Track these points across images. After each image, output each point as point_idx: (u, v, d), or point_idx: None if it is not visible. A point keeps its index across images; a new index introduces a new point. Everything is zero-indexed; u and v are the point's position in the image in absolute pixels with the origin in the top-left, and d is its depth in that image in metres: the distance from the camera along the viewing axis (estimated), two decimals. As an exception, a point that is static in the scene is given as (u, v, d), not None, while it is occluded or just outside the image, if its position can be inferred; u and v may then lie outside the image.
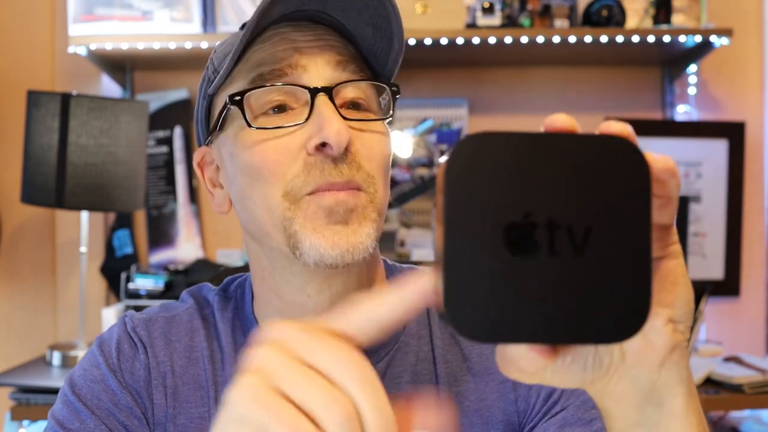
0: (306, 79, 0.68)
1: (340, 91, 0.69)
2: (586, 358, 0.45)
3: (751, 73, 2.23)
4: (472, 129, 2.22)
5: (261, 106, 0.69)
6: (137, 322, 0.77)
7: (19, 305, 2.16)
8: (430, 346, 0.77)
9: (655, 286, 0.45)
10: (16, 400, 1.62)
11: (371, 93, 0.72)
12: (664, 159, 0.46)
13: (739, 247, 2.20)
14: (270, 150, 0.67)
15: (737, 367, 1.79)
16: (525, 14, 2.03)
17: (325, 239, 0.66)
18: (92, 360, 0.75)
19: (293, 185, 0.67)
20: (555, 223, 0.38)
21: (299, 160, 0.67)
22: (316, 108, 0.67)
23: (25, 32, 2.18)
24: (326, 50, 0.70)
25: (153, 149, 2.19)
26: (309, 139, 0.66)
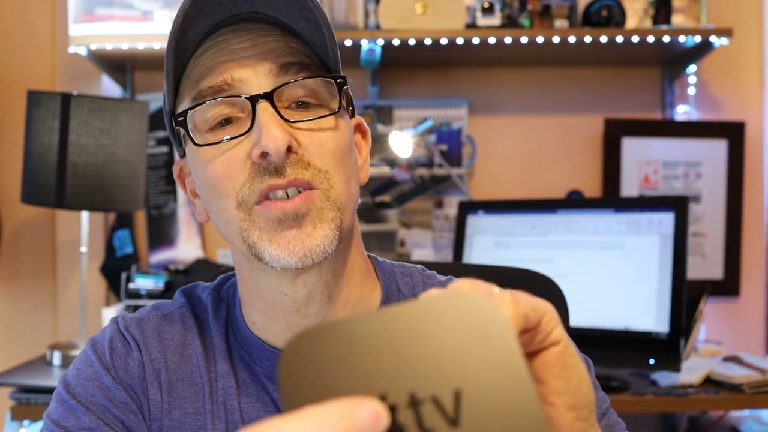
0: (245, 89, 0.69)
1: (283, 93, 0.69)
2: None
3: (751, 73, 2.24)
4: (472, 128, 2.22)
5: (207, 122, 0.70)
6: (129, 321, 0.78)
7: (20, 305, 2.16)
8: None
9: (543, 375, 0.44)
10: (16, 400, 1.62)
11: (320, 87, 0.71)
12: (527, 304, 0.43)
13: (738, 247, 2.20)
14: (219, 165, 0.69)
15: (737, 367, 1.79)
16: (525, 14, 2.03)
17: (281, 248, 0.67)
18: (85, 359, 0.76)
19: (242, 195, 0.68)
20: (417, 398, 0.33)
21: (245, 170, 0.68)
22: (256, 116, 0.67)
23: (26, 32, 2.18)
24: (264, 55, 0.69)
25: (153, 149, 2.19)
26: (252, 149, 0.67)
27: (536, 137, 2.24)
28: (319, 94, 0.71)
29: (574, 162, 2.23)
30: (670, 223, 1.72)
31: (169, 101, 0.73)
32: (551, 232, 1.84)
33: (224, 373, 0.75)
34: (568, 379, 0.44)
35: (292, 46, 0.71)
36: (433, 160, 2.17)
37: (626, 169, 2.20)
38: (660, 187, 2.21)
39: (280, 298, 0.72)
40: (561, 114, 2.25)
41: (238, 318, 0.78)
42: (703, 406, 1.82)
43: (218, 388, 0.75)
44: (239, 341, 0.77)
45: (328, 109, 0.70)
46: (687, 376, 1.73)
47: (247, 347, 0.76)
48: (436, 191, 2.21)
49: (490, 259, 1.88)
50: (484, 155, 2.22)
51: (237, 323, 0.78)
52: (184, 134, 0.72)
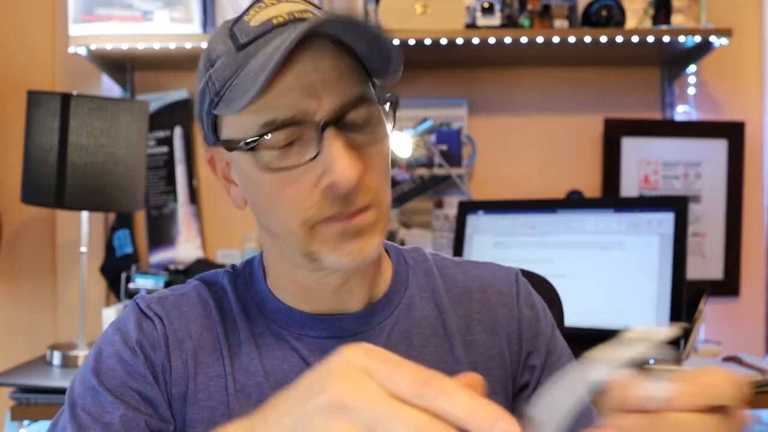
0: (311, 116, 0.70)
1: (348, 116, 0.72)
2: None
3: (751, 73, 2.24)
4: (472, 129, 2.22)
5: (272, 143, 0.72)
6: (150, 300, 0.82)
7: (20, 305, 2.16)
8: (434, 303, 0.85)
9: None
10: (16, 400, 1.62)
11: (376, 110, 0.75)
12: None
13: (738, 247, 2.20)
14: (287, 186, 0.72)
15: (737, 368, 1.79)
16: (524, 14, 2.03)
17: (343, 255, 0.72)
18: (108, 340, 0.79)
19: (309, 215, 0.72)
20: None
21: (314, 195, 0.71)
22: (324, 144, 0.69)
23: (26, 32, 2.18)
24: (328, 83, 0.71)
25: (153, 149, 2.19)
26: (321, 176, 0.70)
27: (536, 137, 2.24)
28: (376, 116, 0.74)
29: (574, 162, 2.23)
30: (670, 223, 1.72)
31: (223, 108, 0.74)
32: (551, 232, 1.84)
33: (246, 339, 0.80)
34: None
35: (347, 67, 0.73)
36: (432, 160, 2.17)
37: (626, 169, 2.20)
38: (660, 187, 2.21)
39: (319, 287, 0.79)
40: (561, 114, 2.25)
41: (262, 290, 0.83)
42: (702, 406, 1.81)
43: (239, 351, 0.79)
44: (263, 311, 0.82)
45: (382, 128, 0.74)
46: (687, 376, 1.73)
47: (274, 314, 0.81)
48: (435, 191, 2.21)
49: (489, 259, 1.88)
50: (484, 155, 2.22)
51: (261, 296, 0.82)
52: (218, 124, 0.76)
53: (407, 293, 0.85)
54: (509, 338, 0.85)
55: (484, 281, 0.87)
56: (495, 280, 0.87)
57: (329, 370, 0.45)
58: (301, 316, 0.80)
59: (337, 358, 0.45)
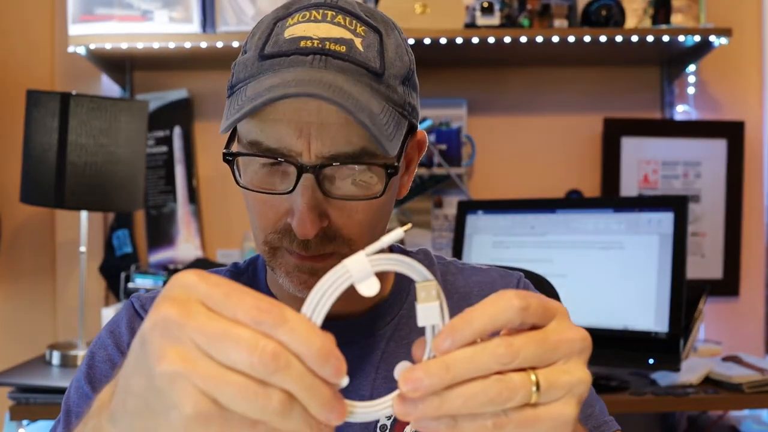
0: (296, 157, 0.69)
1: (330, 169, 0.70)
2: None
3: (750, 73, 2.24)
4: (471, 128, 2.22)
5: (257, 163, 0.72)
6: (145, 300, 0.81)
7: (19, 305, 2.16)
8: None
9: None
10: (15, 400, 1.62)
11: (368, 169, 0.72)
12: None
13: (738, 247, 2.20)
14: (260, 204, 0.72)
15: (736, 367, 1.79)
16: (524, 14, 2.03)
17: (295, 284, 0.72)
18: (100, 343, 0.79)
19: (271, 239, 0.72)
20: None
21: (279, 223, 0.71)
22: (297, 189, 0.69)
23: (25, 32, 2.18)
24: (324, 128, 0.69)
25: (152, 149, 2.19)
26: (288, 211, 0.70)
27: (535, 137, 2.24)
28: (369, 172, 0.72)
29: (574, 162, 2.23)
30: (670, 223, 1.71)
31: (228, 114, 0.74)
32: (550, 231, 1.84)
33: None
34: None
35: (353, 122, 0.69)
36: (432, 159, 2.16)
37: (625, 169, 2.20)
38: (659, 186, 2.21)
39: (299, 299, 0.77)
40: (560, 113, 2.24)
41: (263, 291, 0.81)
42: (702, 406, 1.82)
43: None
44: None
45: (376, 185, 0.72)
46: (686, 375, 1.73)
47: None
48: (435, 191, 2.21)
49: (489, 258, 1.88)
50: (484, 155, 2.22)
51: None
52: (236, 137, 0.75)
53: (409, 298, 0.83)
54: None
55: (483, 287, 0.86)
56: (495, 286, 0.85)
57: (161, 296, 0.45)
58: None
59: (169, 284, 0.46)
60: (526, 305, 0.48)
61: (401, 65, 0.76)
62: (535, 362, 0.47)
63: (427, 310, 0.48)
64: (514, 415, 0.46)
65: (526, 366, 0.47)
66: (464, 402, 0.45)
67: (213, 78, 2.19)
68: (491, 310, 0.47)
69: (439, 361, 0.46)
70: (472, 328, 0.46)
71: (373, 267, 0.48)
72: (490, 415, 0.46)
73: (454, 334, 0.46)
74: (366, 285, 0.48)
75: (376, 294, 0.79)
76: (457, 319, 0.47)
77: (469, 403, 0.45)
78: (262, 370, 0.41)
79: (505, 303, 0.47)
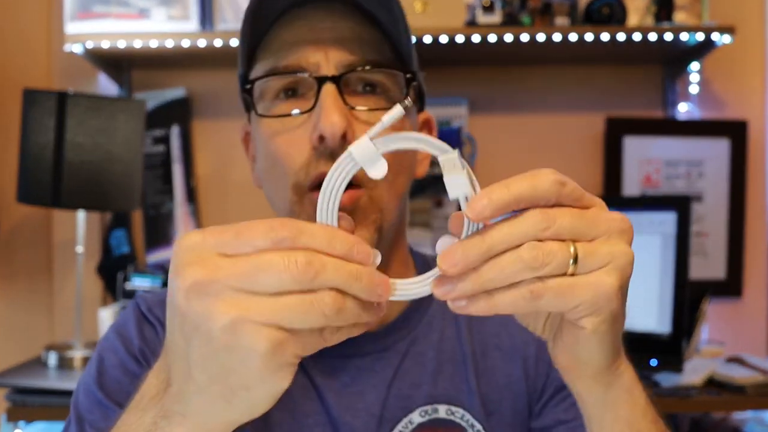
0: (315, 69, 0.70)
1: (352, 76, 0.70)
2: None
3: (754, 72, 2.22)
4: (472, 128, 2.20)
5: (274, 91, 0.71)
6: (151, 303, 0.79)
7: (15, 305, 2.14)
8: (454, 324, 0.81)
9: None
10: (11, 401, 1.60)
11: (388, 79, 0.72)
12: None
13: (741, 247, 2.19)
14: (281, 142, 0.70)
15: (740, 368, 1.78)
16: (525, 12, 2.01)
17: None
18: (108, 346, 0.76)
19: (298, 177, 0.69)
20: None
21: (305, 152, 0.69)
22: (320, 97, 0.68)
23: (21, 30, 2.16)
24: (340, 41, 0.70)
25: (150, 148, 2.17)
26: (313, 129, 0.68)
27: (537, 136, 2.22)
28: (386, 86, 0.72)
29: (575, 161, 2.22)
30: (672, 223, 1.70)
31: (242, 64, 0.75)
32: (552, 231, 1.82)
33: None
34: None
35: (368, 34, 0.71)
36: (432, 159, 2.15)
37: (627, 169, 2.19)
38: (662, 186, 2.19)
39: None
40: (561, 113, 2.23)
41: None
42: (705, 408, 1.80)
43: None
44: None
45: (392, 102, 0.71)
46: (689, 377, 1.71)
47: None
48: (435, 191, 2.20)
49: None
50: (484, 154, 2.20)
51: None
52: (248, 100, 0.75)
53: (428, 312, 0.81)
54: (525, 364, 0.80)
55: None
56: None
57: (176, 266, 0.45)
58: None
59: (177, 252, 0.46)
60: (563, 181, 0.47)
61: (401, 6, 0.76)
62: (572, 234, 0.46)
63: (456, 181, 0.47)
64: (551, 282, 0.45)
65: (564, 237, 0.46)
66: (501, 270, 0.44)
67: (211, 76, 2.17)
68: (528, 179, 0.46)
69: (475, 235, 0.45)
70: (509, 191, 0.46)
71: (379, 149, 0.46)
72: (527, 282, 0.45)
73: (490, 194, 0.46)
74: (375, 168, 0.47)
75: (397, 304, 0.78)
76: (494, 184, 0.46)
77: (505, 271, 0.44)
78: (303, 280, 0.43)
79: (543, 175, 0.47)
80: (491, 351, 0.80)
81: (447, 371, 0.78)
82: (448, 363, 0.79)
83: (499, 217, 0.47)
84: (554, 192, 0.46)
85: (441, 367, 0.78)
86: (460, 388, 0.78)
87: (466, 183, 0.47)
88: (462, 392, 0.78)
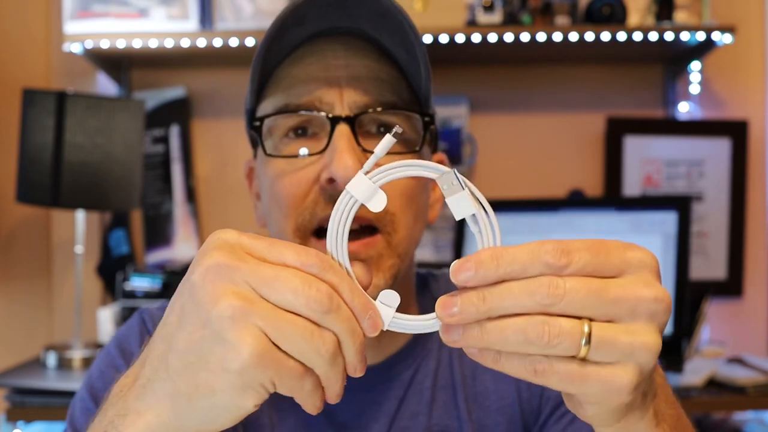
0: (328, 108, 0.67)
1: (366, 117, 0.67)
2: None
3: (755, 71, 2.22)
4: (473, 127, 2.20)
5: (284, 130, 0.69)
6: (157, 319, 0.77)
7: (15, 305, 2.14)
8: (449, 351, 0.78)
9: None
10: (11, 402, 1.60)
11: (404, 121, 0.69)
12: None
13: (742, 247, 2.18)
14: (287, 182, 0.68)
15: (740, 369, 1.77)
16: (526, 11, 2.01)
17: None
18: (109, 360, 0.75)
19: (303, 218, 0.67)
20: None
21: (312, 193, 0.67)
22: (333, 138, 0.65)
23: (21, 30, 2.16)
24: (355, 81, 0.67)
25: (149, 148, 2.17)
26: (322, 169, 0.66)
27: (537, 136, 2.22)
28: (402, 124, 0.68)
29: (576, 161, 2.21)
30: (673, 223, 1.70)
31: (251, 100, 0.72)
32: (553, 231, 1.82)
33: None
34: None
35: (384, 74, 0.68)
36: (432, 158, 2.14)
37: (628, 168, 2.18)
38: (662, 186, 2.19)
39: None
40: (562, 112, 2.22)
41: None
42: (706, 408, 1.80)
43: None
44: None
45: (408, 146, 0.68)
46: (690, 377, 1.71)
47: None
48: (435, 190, 2.19)
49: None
50: (485, 154, 2.20)
51: None
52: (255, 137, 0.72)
53: (430, 340, 0.78)
54: (518, 384, 0.77)
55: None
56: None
57: (203, 249, 0.46)
58: None
59: (208, 240, 0.47)
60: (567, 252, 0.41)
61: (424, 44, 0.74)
62: (586, 312, 0.41)
63: (458, 201, 0.46)
64: (558, 366, 0.41)
65: (575, 314, 0.41)
66: (501, 335, 0.42)
67: (211, 76, 2.17)
68: (526, 253, 0.42)
69: (476, 292, 0.42)
70: (497, 268, 0.42)
71: (375, 182, 0.46)
72: (534, 358, 0.42)
73: (479, 266, 0.42)
74: (374, 202, 0.47)
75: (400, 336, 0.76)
76: (487, 249, 0.43)
77: (507, 338, 0.41)
78: (316, 309, 0.42)
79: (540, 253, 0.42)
80: (481, 374, 0.77)
81: (440, 399, 0.77)
82: (442, 390, 0.77)
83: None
84: (554, 270, 0.41)
85: (435, 396, 0.76)
86: (453, 415, 0.76)
87: (468, 202, 0.46)
88: (454, 420, 0.76)
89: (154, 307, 0.80)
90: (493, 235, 0.45)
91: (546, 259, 0.41)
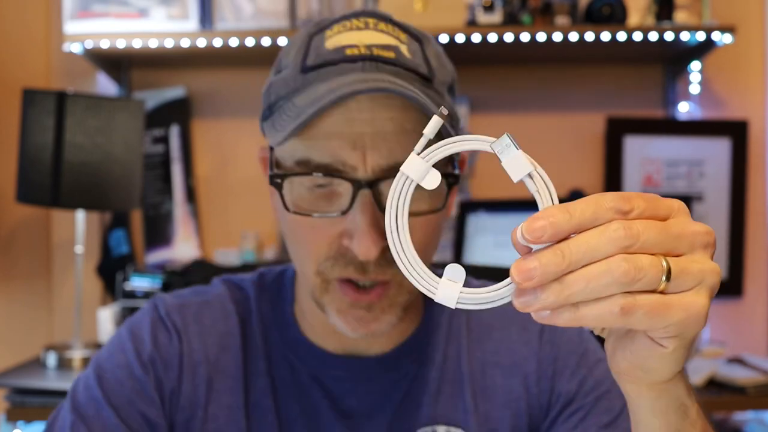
0: (351, 171, 0.66)
1: (390, 179, 0.66)
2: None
3: (755, 71, 2.22)
4: (473, 127, 2.20)
5: (306, 185, 0.68)
6: (170, 307, 0.77)
7: (15, 305, 2.14)
8: (456, 343, 0.79)
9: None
10: (11, 402, 1.60)
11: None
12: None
13: (742, 247, 2.18)
14: (308, 230, 0.68)
15: (740, 369, 1.77)
16: (526, 12, 2.01)
17: (347, 324, 0.69)
18: (120, 345, 0.75)
19: (324, 267, 0.68)
20: None
21: (332, 248, 0.68)
22: (355, 207, 0.65)
23: (21, 30, 2.16)
24: (380, 137, 0.66)
25: (149, 148, 2.17)
26: (343, 232, 0.67)
27: (537, 135, 2.22)
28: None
29: (576, 160, 2.21)
30: (673, 223, 1.70)
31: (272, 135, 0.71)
32: (552, 231, 1.82)
33: (261, 371, 0.75)
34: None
35: (410, 122, 0.67)
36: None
37: (628, 168, 2.18)
38: (662, 186, 2.19)
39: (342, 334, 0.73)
40: (562, 112, 2.22)
41: (286, 315, 0.78)
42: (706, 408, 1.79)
43: (253, 384, 0.75)
44: (283, 339, 0.77)
45: (434, 200, 0.68)
46: (690, 377, 1.71)
47: (293, 345, 0.76)
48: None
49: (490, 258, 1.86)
50: (485, 154, 2.18)
51: (284, 321, 0.78)
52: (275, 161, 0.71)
53: (437, 333, 0.79)
54: (525, 380, 0.78)
55: (507, 318, 0.81)
56: (520, 315, 0.78)
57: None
58: (321, 354, 0.76)
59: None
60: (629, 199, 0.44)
61: (446, 72, 0.75)
62: (657, 248, 0.43)
63: (515, 162, 0.48)
64: (642, 300, 0.42)
65: (649, 251, 0.43)
66: (587, 283, 0.42)
67: (211, 76, 2.17)
68: (592, 204, 0.44)
69: (552, 249, 0.42)
70: (571, 218, 0.43)
71: (428, 161, 0.47)
72: (618, 297, 0.42)
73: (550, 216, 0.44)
74: (428, 180, 0.48)
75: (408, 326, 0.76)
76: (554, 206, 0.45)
77: (592, 285, 0.42)
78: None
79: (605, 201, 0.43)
80: (490, 369, 0.78)
81: (446, 392, 0.77)
82: (448, 384, 0.77)
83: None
84: (621, 215, 0.44)
85: (441, 388, 0.77)
86: (459, 408, 0.77)
87: (525, 162, 0.47)
88: (460, 412, 0.76)
89: (168, 295, 0.80)
90: (550, 193, 0.47)
91: (612, 205, 0.43)
